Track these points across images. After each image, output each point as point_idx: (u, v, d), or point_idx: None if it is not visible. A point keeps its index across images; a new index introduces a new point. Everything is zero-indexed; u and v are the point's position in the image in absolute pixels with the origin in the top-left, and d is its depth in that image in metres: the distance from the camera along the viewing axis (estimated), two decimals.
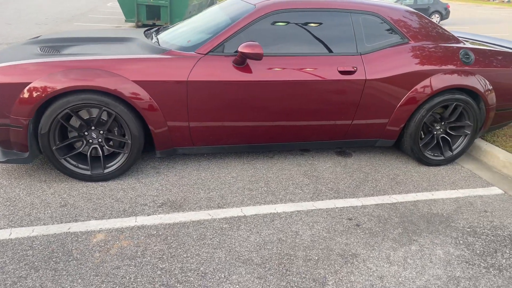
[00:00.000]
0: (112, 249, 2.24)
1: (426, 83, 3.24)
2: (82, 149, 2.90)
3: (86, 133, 2.86)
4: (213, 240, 2.38)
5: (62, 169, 2.85)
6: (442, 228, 2.65)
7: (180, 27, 3.51)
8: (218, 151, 3.21)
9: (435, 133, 3.52)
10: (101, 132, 2.87)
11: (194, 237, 2.40)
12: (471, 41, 4.09)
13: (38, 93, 2.60)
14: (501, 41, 4.21)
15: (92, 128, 2.85)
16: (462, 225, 2.70)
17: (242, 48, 2.76)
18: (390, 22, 3.29)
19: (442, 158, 3.55)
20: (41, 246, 2.22)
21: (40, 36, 3.51)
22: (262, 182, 3.09)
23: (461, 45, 3.48)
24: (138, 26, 10.34)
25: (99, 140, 2.90)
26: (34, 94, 2.60)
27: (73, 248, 2.23)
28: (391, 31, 3.29)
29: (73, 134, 2.90)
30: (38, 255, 2.15)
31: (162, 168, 3.22)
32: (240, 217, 2.63)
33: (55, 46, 3.14)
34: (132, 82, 2.72)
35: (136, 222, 2.50)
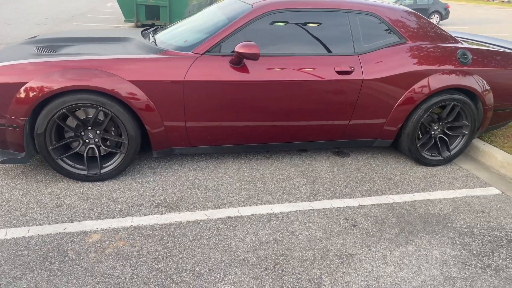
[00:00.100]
0: (107, 249, 2.24)
1: (423, 83, 3.23)
2: (79, 149, 2.89)
3: (82, 133, 2.86)
4: (209, 240, 2.38)
5: (58, 169, 2.85)
6: (439, 228, 2.64)
7: (177, 27, 3.50)
8: (215, 151, 3.21)
9: (433, 133, 3.51)
10: (97, 132, 2.86)
11: (190, 237, 2.39)
12: (470, 41, 4.08)
13: (35, 93, 2.60)
14: (500, 41, 4.20)
15: (88, 128, 2.84)
16: (459, 225, 2.70)
17: (239, 48, 2.75)
18: (387, 22, 3.29)
19: (439, 158, 3.54)
20: (36, 247, 2.22)
21: (37, 36, 3.51)
22: (259, 182, 3.09)
23: (459, 45, 3.48)
24: (137, 26, 10.33)
25: (96, 140, 2.89)
26: (31, 94, 2.60)
27: (68, 248, 2.22)
28: (389, 31, 3.29)
29: (69, 134, 2.90)
30: (33, 256, 2.15)
31: (159, 168, 3.22)
32: (236, 217, 2.62)
33: (52, 46, 3.14)
34: (128, 82, 2.71)
35: (132, 222, 2.49)
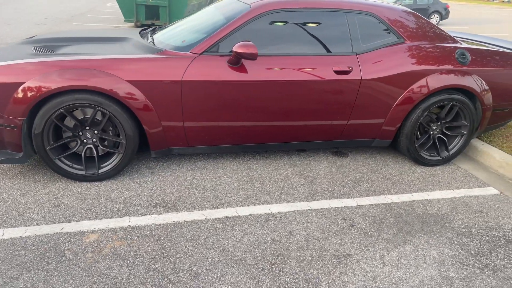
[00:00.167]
0: (104, 249, 2.24)
1: (422, 83, 3.23)
2: (77, 149, 2.89)
3: (80, 133, 2.85)
4: (206, 240, 2.37)
5: (56, 169, 2.84)
6: (437, 228, 2.64)
7: (175, 27, 3.50)
8: (214, 151, 3.21)
9: (432, 133, 3.51)
10: (95, 132, 2.86)
11: (188, 237, 2.39)
12: (470, 41, 4.08)
13: (32, 93, 2.60)
14: (499, 41, 4.20)
15: (86, 128, 2.84)
16: (457, 225, 2.69)
17: (237, 48, 2.75)
18: (386, 22, 3.28)
19: (438, 158, 3.54)
20: (33, 247, 2.21)
21: (35, 36, 3.51)
22: (257, 182, 3.08)
23: (457, 45, 3.47)
24: (137, 26, 10.33)
25: (94, 140, 2.89)
26: (28, 94, 2.60)
27: (65, 248, 2.22)
28: (387, 31, 3.28)
29: (67, 134, 2.90)
30: (30, 256, 2.14)
31: (157, 168, 3.21)
32: (234, 217, 2.62)
33: (50, 46, 3.13)
34: (126, 82, 2.71)
35: (129, 222, 2.49)
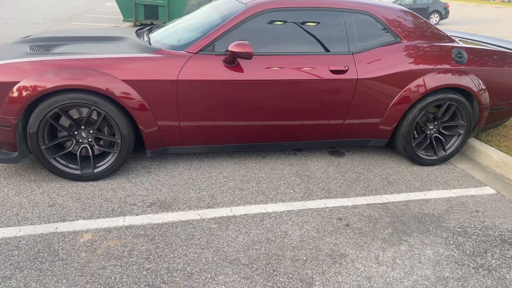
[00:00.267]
0: (98, 249, 2.23)
1: (418, 82, 3.22)
2: (72, 148, 2.88)
3: (75, 132, 2.85)
4: (201, 240, 2.37)
5: (51, 168, 2.84)
6: (432, 228, 2.63)
7: (171, 26, 3.49)
8: (209, 151, 3.20)
9: (428, 132, 3.50)
10: (91, 131, 2.86)
11: (182, 237, 2.38)
12: (470, 41, 4.06)
13: (27, 92, 2.59)
14: (498, 41, 4.19)
15: (81, 127, 2.84)
16: (453, 225, 2.69)
17: (232, 47, 2.74)
18: (383, 22, 3.27)
19: (435, 157, 3.53)
20: (27, 246, 2.21)
21: (30, 35, 3.50)
22: (253, 182, 3.07)
23: (454, 44, 3.46)
24: (136, 26, 10.32)
25: (89, 139, 2.88)
26: (23, 93, 2.59)
27: (59, 248, 2.21)
28: (384, 30, 3.27)
29: (62, 134, 2.89)
30: (24, 255, 2.14)
31: (153, 167, 3.21)
32: (229, 217, 2.61)
33: (45, 45, 3.13)
34: (121, 82, 2.70)
35: (124, 222, 2.49)
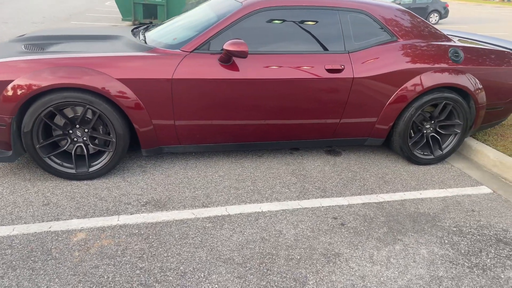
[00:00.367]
0: (92, 248, 2.22)
1: (415, 81, 3.21)
2: (67, 147, 2.88)
3: (70, 131, 2.84)
4: (195, 239, 2.36)
5: (46, 167, 2.83)
6: (428, 227, 2.63)
7: (167, 25, 3.48)
8: (205, 150, 3.19)
9: (425, 131, 3.49)
10: (85, 130, 2.85)
11: (176, 236, 2.37)
12: (470, 40, 4.05)
13: (22, 90, 2.58)
14: (497, 40, 4.18)
15: (76, 126, 2.83)
16: (448, 224, 2.68)
17: (227, 45, 2.73)
18: (379, 20, 3.26)
19: (432, 157, 3.52)
20: (20, 245, 2.20)
21: (25, 34, 3.49)
22: (249, 181, 3.07)
23: (451, 43, 3.45)
24: (134, 25, 10.30)
25: (84, 138, 2.87)
26: (18, 92, 2.58)
27: (52, 247, 2.21)
28: (381, 29, 3.26)
29: (57, 133, 2.88)
30: (17, 254, 2.13)
31: (149, 166, 3.20)
32: (224, 216, 2.60)
33: (40, 44, 3.12)
34: (116, 80, 2.70)
35: (118, 221, 2.48)
